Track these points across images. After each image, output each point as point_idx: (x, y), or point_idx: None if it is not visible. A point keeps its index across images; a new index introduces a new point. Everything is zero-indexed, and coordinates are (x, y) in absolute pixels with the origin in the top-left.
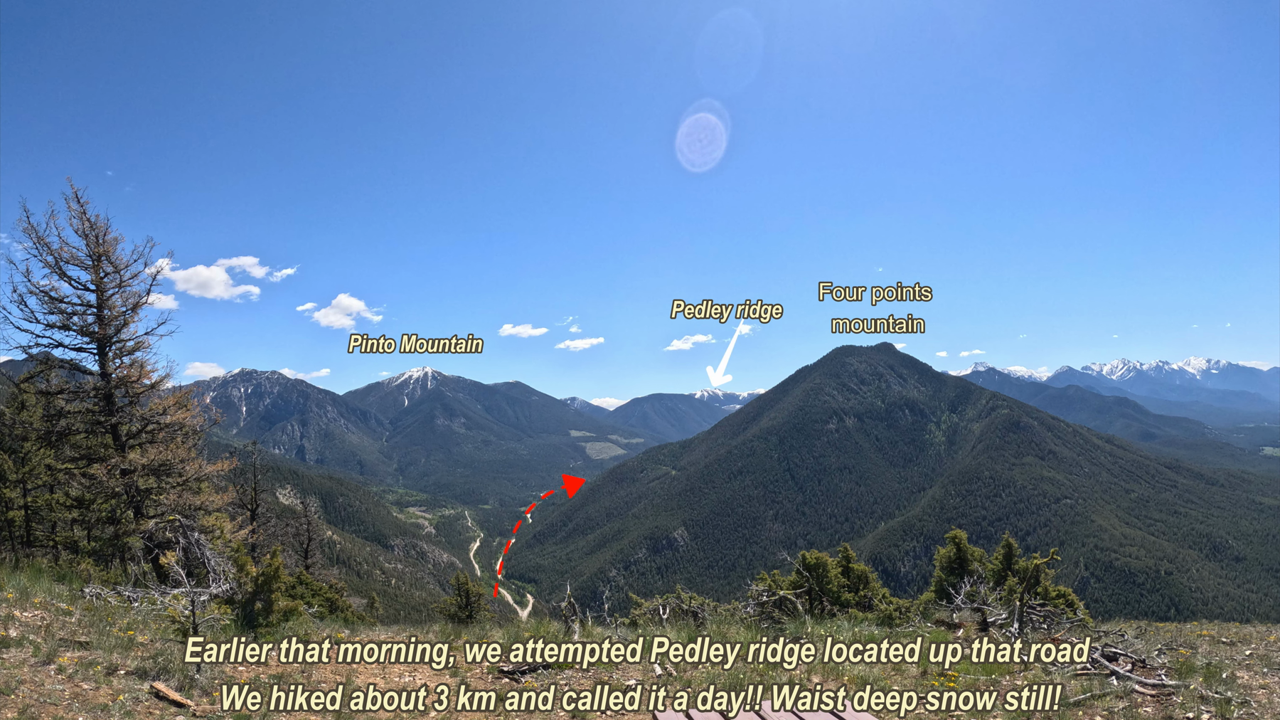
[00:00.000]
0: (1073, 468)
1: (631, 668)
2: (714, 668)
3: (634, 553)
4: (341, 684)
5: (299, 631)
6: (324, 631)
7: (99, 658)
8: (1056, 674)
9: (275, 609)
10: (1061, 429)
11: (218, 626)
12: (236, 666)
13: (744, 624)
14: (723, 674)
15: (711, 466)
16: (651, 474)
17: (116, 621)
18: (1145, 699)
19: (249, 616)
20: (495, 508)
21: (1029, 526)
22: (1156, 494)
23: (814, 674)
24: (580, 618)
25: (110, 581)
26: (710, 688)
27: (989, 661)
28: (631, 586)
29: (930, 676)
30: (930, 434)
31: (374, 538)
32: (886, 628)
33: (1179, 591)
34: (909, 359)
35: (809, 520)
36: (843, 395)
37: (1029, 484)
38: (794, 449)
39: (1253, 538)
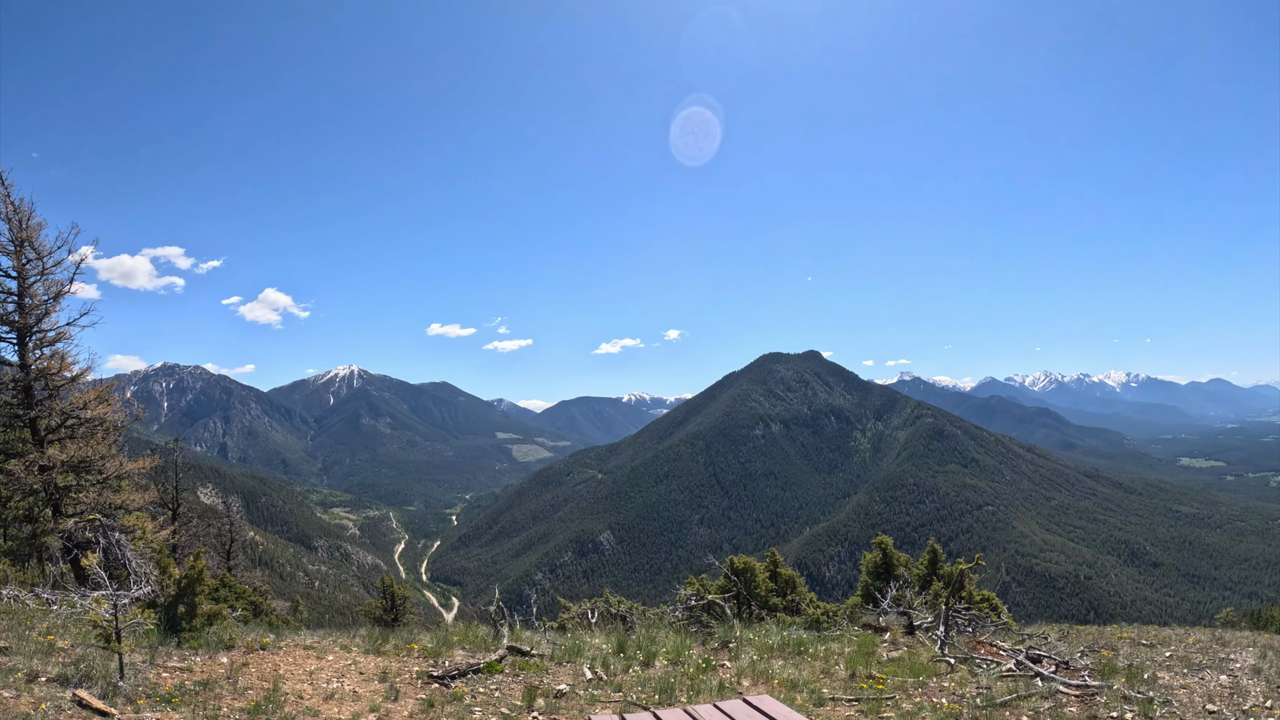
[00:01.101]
0: (995, 475)
1: (562, 672)
2: (644, 672)
3: (560, 556)
4: (269, 690)
5: (224, 636)
6: (249, 636)
7: (18, 664)
8: (983, 675)
9: (199, 613)
10: (984, 438)
11: (140, 631)
12: (161, 673)
13: (673, 628)
14: (653, 678)
15: (638, 470)
16: (578, 477)
17: (35, 625)
18: (1070, 699)
19: (172, 621)
20: (420, 509)
21: (952, 532)
22: (1076, 501)
23: (744, 678)
24: (509, 622)
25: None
26: (641, 692)
27: (916, 664)
28: (558, 590)
29: (859, 679)
30: (856, 441)
31: (297, 539)
32: (814, 631)
33: (1098, 595)
34: (836, 367)
35: (735, 525)
36: (770, 402)
37: (952, 491)
38: (720, 454)
39: (1169, 544)
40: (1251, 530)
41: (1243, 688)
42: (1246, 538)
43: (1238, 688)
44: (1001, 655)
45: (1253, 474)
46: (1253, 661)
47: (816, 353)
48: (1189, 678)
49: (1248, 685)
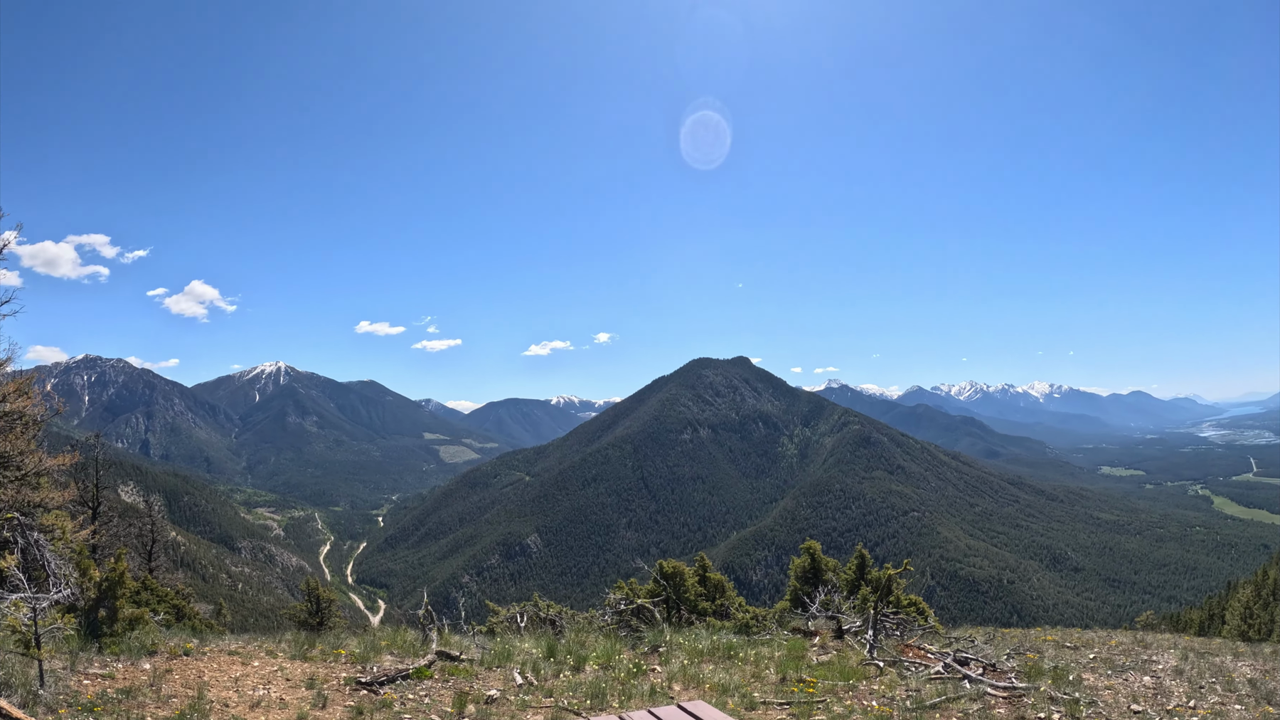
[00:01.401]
0: (920, 482)
1: (492, 677)
2: (575, 676)
3: (487, 559)
4: (194, 698)
5: (146, 641)
6: (172, 641)
7: None
8: (912, 678)
9: (120, 617)
10: (910, 445)
11: (60, 636)
12: (82, 680)
13: (603, 632)
14: (584, 683)
15: (566, 473)
16: (505, 479)
17: None
18: (998, 701)
19: (93, 625)
20: (346, 510)
21: (878, 537)
22: (1000, 508)
23: (675, 682)
24: (438, 626)
25: None
26: (573, 697)
27: (846, 667)
28: (485, 593)
29: (790, 683)
30: (783, 447)
31: (221, 539)
32: (744, 636)
33: (1021, 599)
34: (764, 373)
35: (662, 529)
36: (698, 406)
37: (878, 497)
38: (648, 458)
39: (1090, 550)
40: (1170, 537)
41: (1166, 688)
42: (1165, 544)
43: (1161, 688)
44: (929, 658)
45: (1171, 483)
46: (1174, 663)
47: (746, 359)
48: (1113, 679)
49: (1170, 686)
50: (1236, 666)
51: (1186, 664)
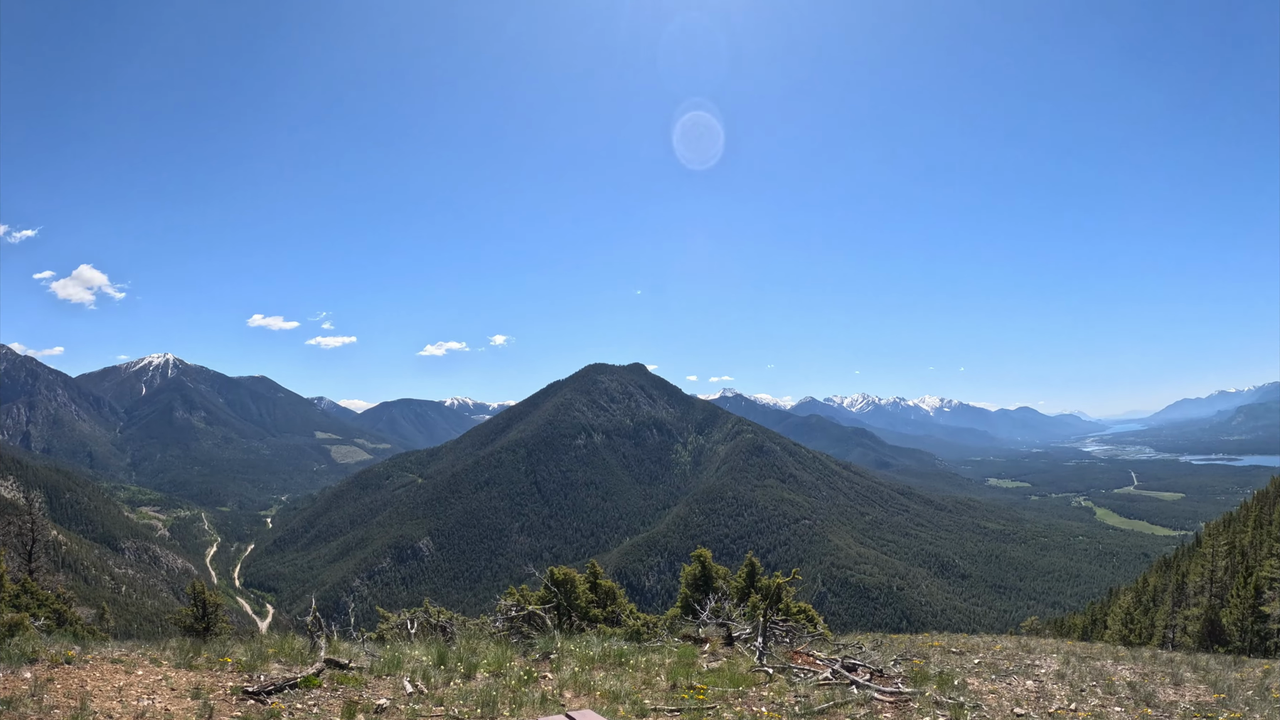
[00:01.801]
0: (812, 491)
1: (382, 686)
2: (466, 684)
3: (378, 562)
4: (77, 709)
5: (26, 648)
6: (53, 648)
7: None
8: (800, 684)
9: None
10: (803, 455)
11: None
12: None
13: (494, 639)
14: (475, 691)
15: (459, 476)
16: (398, 481)
17: None
18: (885, 706)
19: None
20: (234, 510)
21: (770, 545)
22: (890, 517)
23: (566, 689)
24: (326, 632)
25: None
26: (463, 705)
27: (736, 674)
28: (376, 598)
29: (680, 690)
30: (677, 454)
31: (103, 539)
32: (635, 642)
33: (910, 605)
34: (660, 380)
35: (555, 534)
36: (593, 412)
37: (770, 505)
38: (542, 462)
39: (977, 558)
40: (1054, 545)
41: (1048, 691)
42: (1050, 552)
43: (1043, 692)
44: (818, 665)
45: (1056, 494)
46: (1057, 667)
47: (641, 365)
48: (997, 683)
49: (1053, 689)
50: (1117, 670)
51: (1068, 668)
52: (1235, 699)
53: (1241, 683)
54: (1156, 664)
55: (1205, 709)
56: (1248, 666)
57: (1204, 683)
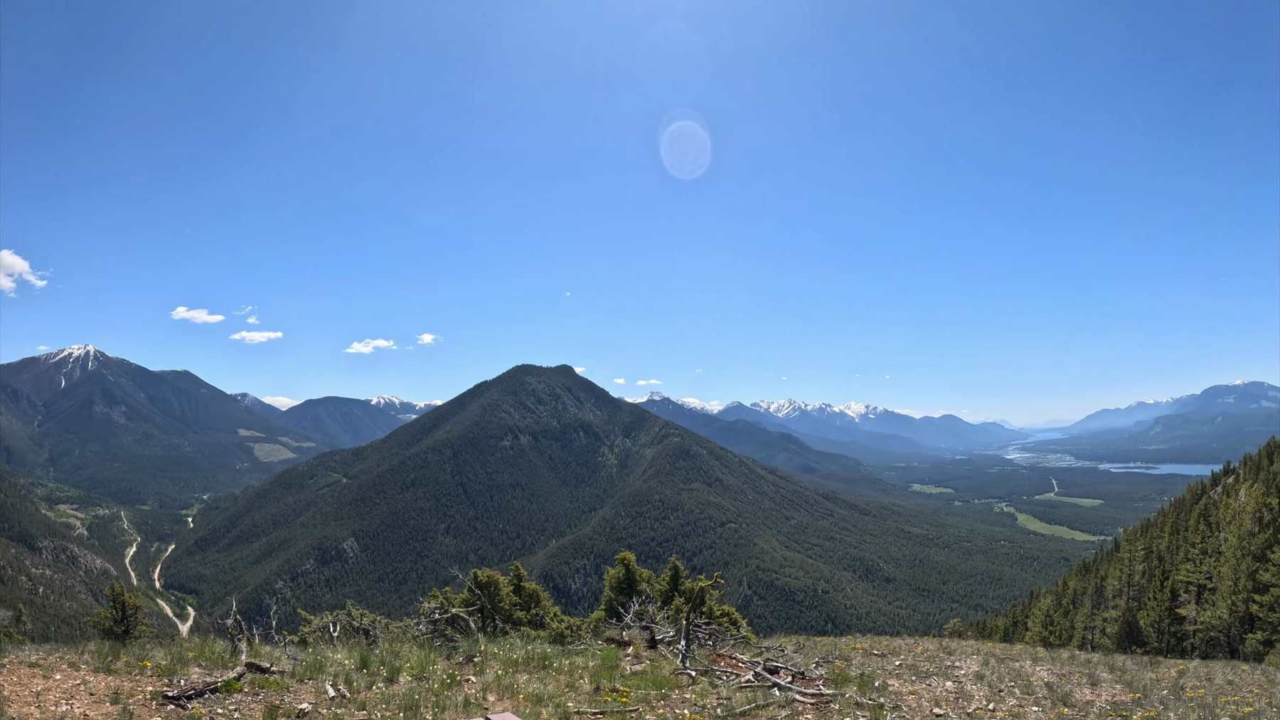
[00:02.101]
0: (738, 495)
1: (304, 690)
2: (389, 688)
3: (302, 563)
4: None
5: None
6: None
7: None
8: (723, 687)
9: None
10: (729, 459)
11: None
12: None
13: (417, 642)
14: (398, 695)
15: (384, 476)
16: (322, 481)
17: None
18: (806, 707)
19: None
20: (155, 509)
21: (696, 548)
22: (815, 521)
23: (490, 693)
24: (247, 636)
25: None
26: (386, 709)
27: (659, 676)
28: (299, 600)
29: (604, 692)
30: (604, 456)
31: (20, 538)
32: (559, 645)
33: (835, 608)
34: (587, 383)
35: (481, 535)
36: (520, 413)
37: (697, 508)
38: (468, 463)
39: (901, 561)
40: (977, 550)
41: (967, 692)
42: (972, 556)
43: (962, 692)
44: (741, 667)
45: (979, 500)
46: (976, 668)
47: (569, 367)
48: (917, 684)
49: (972, 690)
50: (1035, 671)
51: (988, 669)
52: (1150, 698)
53: (1157, 683)
54: (1074, 665)
55: (1121, 708)
56: (1163, 667)
57: (1120, 683)
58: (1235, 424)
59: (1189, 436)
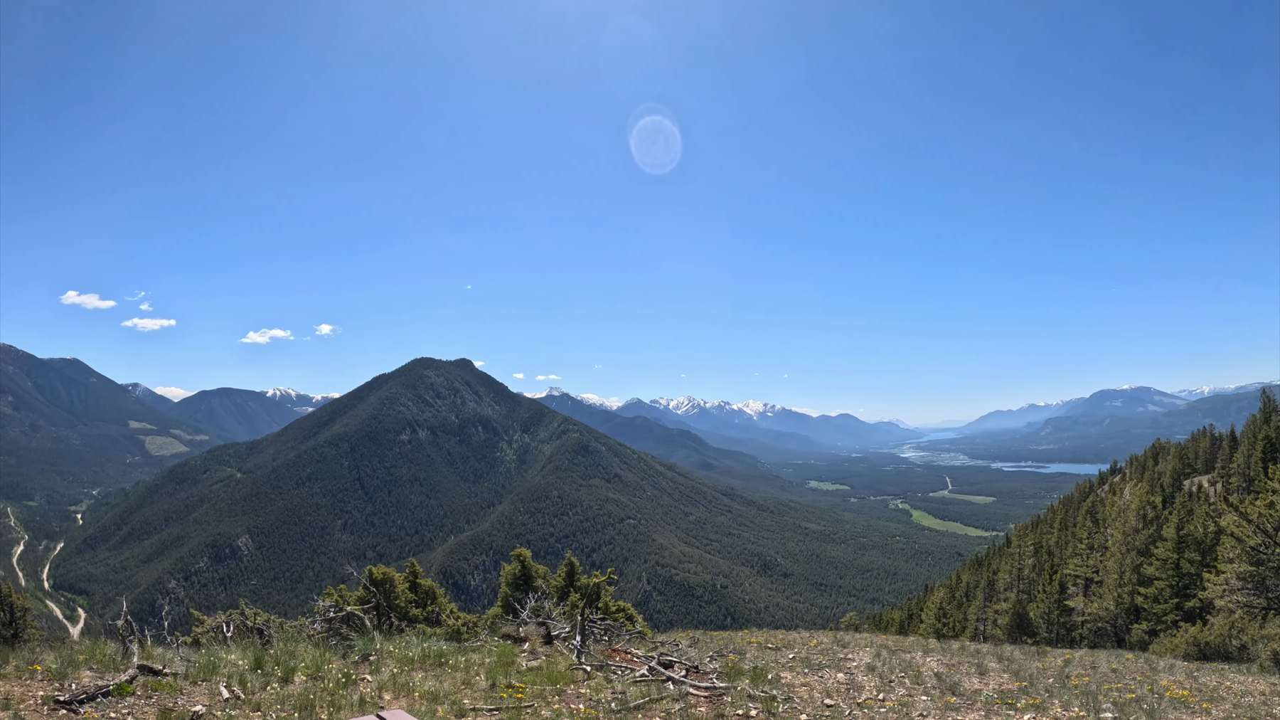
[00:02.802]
0: (637, 491)
1: (198, 692)
2: (284, 689)
3: (195, 562)
4: None
5: None
6: None
7: None
8: (617, 681)
9: None
10: (628, 455)
11: None
12: None
13: (312, 642)
14: (293, 695)
15: (280, 471)
16: (215, 475)
17: None
18: (699, 700)
19: None
20: (42, 505)
21: (595, 544)
22: (713, 517)
23: (386, 691)
24: (139, 637)
25: None
26: (281, 710)
27: (555, 672)
28: (192, 600)
29: (500, 689)
30: (502, 452)
31: None
32: (455, 643)
33: (735, 603)
34: (486, 377)
35: (379, 532)
36: (418, 407)
37: (595, 504)
38: (365, 458)
39: (799, 557)
40: (873, 545)
41: (858, 683)
42: (868, 551)
43: (854, 683)
44: (636, 662)
45: (874, 497)
46: (868, 660)
47: (469, 361)
48: (809, 676)
49: (863, 681)
50: (926, 661)
51: (879, 661)
52: (1036, 686)
53: (1043, 671)
54: (964, 655)
55: (1007, 696)
56: (1050, 656)
57: (1008, 672)
58: (1122, 426)
59: (1078, 437)
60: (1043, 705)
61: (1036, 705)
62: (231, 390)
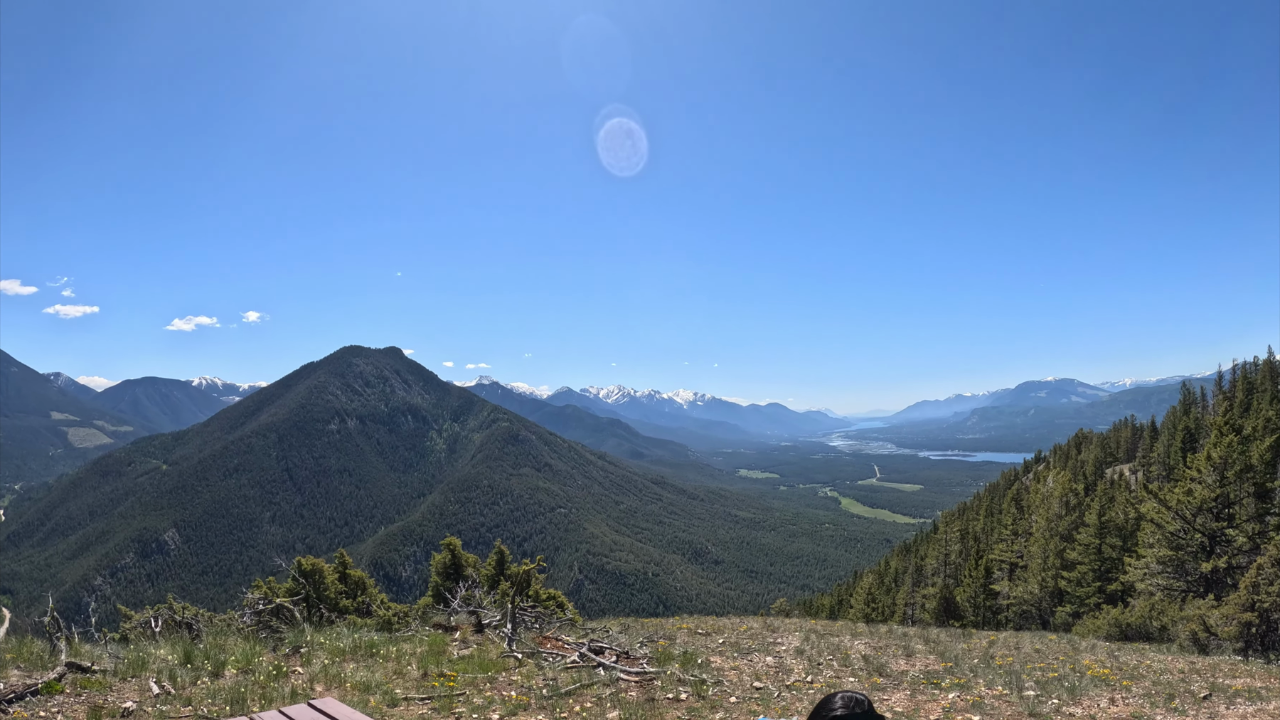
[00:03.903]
0: (567, 480)
1: (127, 688)
2: (214, 683)
3: (121, 557)
4: None
5: None
6: None
7: None
8: (549, 668)
9: None
10: (558, 444)
11: None
12: None
13: (242, 635)
14: (224, 689)
15: (206, 462)
16: (141, 467)
17: None
18: (630, 685)
19: None
20: None
21: (526, 533)
22: (644, 505)
23: (317, 683)
24: (67, 635)
25: None
26: (212, 704)
27: (486, 660)
28: (120, 596)
29: (431, 678)
30: (432, 441)
31: None
32: (387, 633)
33: (666, 591)
34: (416, 365)
35: (308, 523)
36: (347, 396)
37: (526, 493)
38: (294, 448)
39: (729, 544)
40: (802, 532)
41: (787, 666)
42: (798, 539)
43: (782, 666)
44: (567, 649)
45: (803, 485)
46: (797, 644)
47: (398, 349)
48: (739, 660)
49: (791, 664)
50: (854, 645)
51: (808, 644)
52: (961, 667)
53: (968, 652)
54: (892, 638)
55: (933, 676)
56: (975, 638)
57: (934, 653)
58: (1046, 416)
59: (1003, 427)
60: (967, 685)
61: (961, 685)
62: (156, 379)
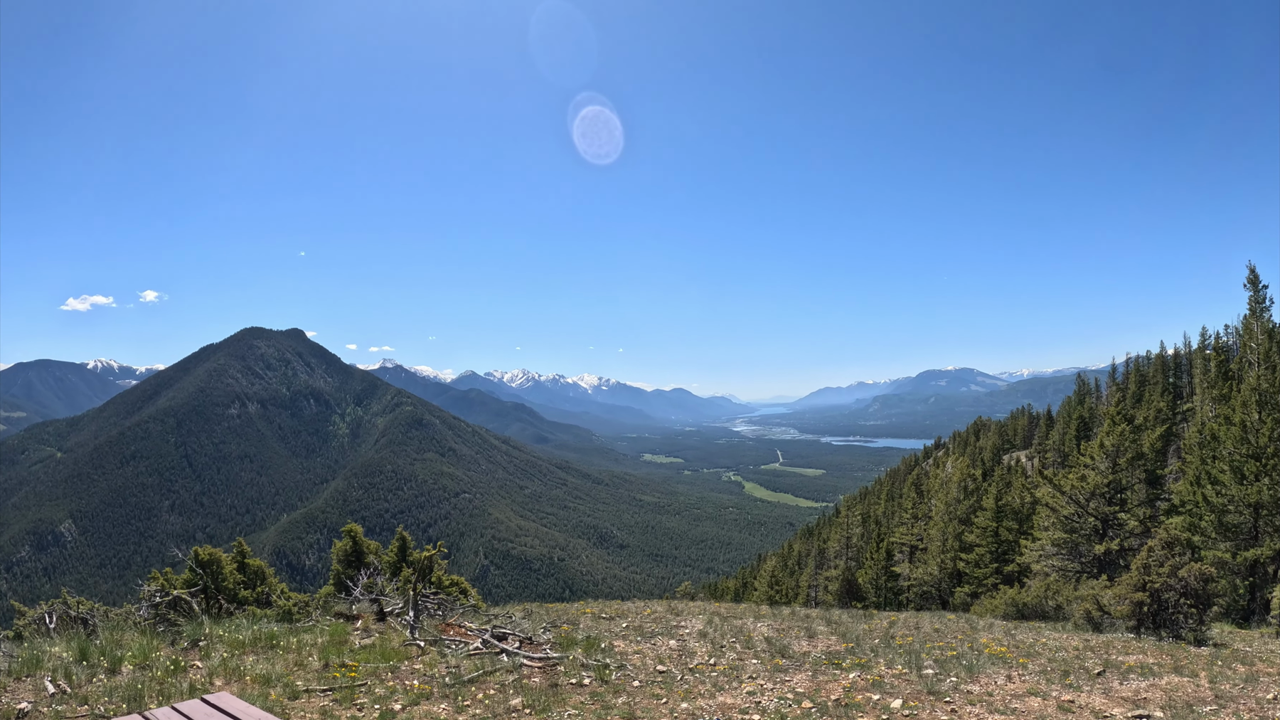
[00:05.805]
0: (472, 465)
1: (22, 688)
2: (111, 680)
3: (16, 551)
4: None
5: None
6: None
7: None
8: (452, 656)
9: None
10: (462, 428)
11: None
12: None
13: (139, 629)
14: (121, 686)
15: (102, 449)
16: (34, 455)
17: None
18: (534, 671)
19: None
20: None
21: (430, 519)
22: (549, 490)
23: (217, 677)
24: None
25: None
26: (109, 702)
27: (388, 649)
28: (14, 592)
29: (333, 668)
30: (335, 425)
31: None
32: (287, 624)
33: (572, 575)
34: (319, 348)
35: (209, 512)
36: (248, 379)
37: (430, 479)
38: (193, 434)
39: (635, 528)
40: (707, 516)
41: (690, 649)
42: (703, 523)
43: (685, 649)
44: (470, 635)
45: (708, 470)
46: (700, 627)
47: (300, 331)
48: (643, 644)
49: (694, 647)
50: (757, 627)
51: (711, 627)
52: (863, 647)
53: (869, 633)
54: (795, 620)
55: (834, 657)
56: (877, 619)
57: (836, 634)
58: (946, 404)
59: (904, 414)
60: (868, 664)
61: (862, 664)
62: (50, 362)
